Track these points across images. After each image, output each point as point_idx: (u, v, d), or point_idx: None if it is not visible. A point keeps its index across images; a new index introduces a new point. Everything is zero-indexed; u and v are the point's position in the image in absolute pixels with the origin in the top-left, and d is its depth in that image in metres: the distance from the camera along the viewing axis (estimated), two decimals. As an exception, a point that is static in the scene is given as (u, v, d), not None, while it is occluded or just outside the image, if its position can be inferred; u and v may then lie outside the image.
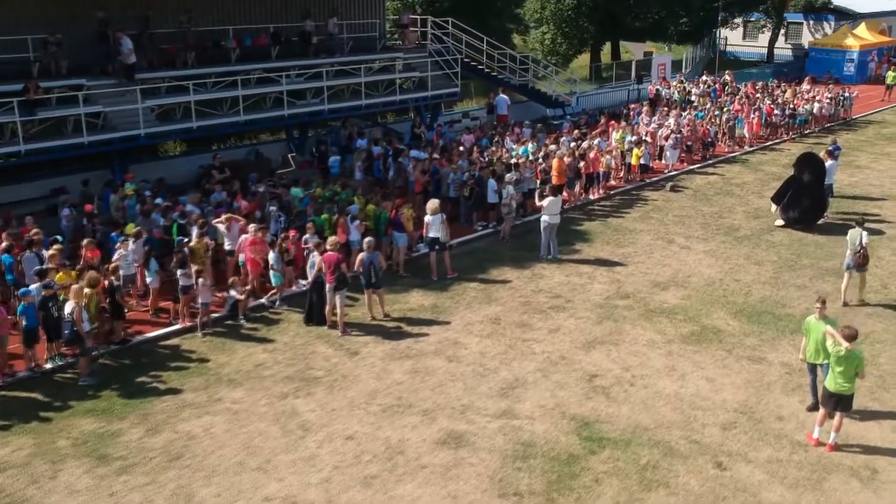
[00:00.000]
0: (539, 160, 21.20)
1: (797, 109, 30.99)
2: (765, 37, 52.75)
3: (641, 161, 23.60)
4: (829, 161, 20.62)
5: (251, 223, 15.32)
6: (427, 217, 16.35)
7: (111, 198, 17.60)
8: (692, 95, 32.55)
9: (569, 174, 20.86)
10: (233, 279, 14.80)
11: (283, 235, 15.53)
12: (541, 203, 17.37)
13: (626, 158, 23.63)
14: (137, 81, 20.22)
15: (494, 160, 20.59)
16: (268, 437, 10.91)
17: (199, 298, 13.80)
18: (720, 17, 44.14)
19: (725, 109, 29.74)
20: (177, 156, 26.10)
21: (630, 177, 23.79)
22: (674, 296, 15.72)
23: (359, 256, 14.46)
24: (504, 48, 30.93)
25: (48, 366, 12.65)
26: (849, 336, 10.30)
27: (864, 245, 15.09)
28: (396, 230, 16.63)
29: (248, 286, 14.94)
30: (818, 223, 19.84)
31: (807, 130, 31.15)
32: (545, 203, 17.23)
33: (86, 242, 14.19)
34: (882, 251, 18.07)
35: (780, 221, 19.96)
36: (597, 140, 23.47)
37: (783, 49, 52.97)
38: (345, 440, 10.83)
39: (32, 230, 14.49)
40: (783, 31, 52.88)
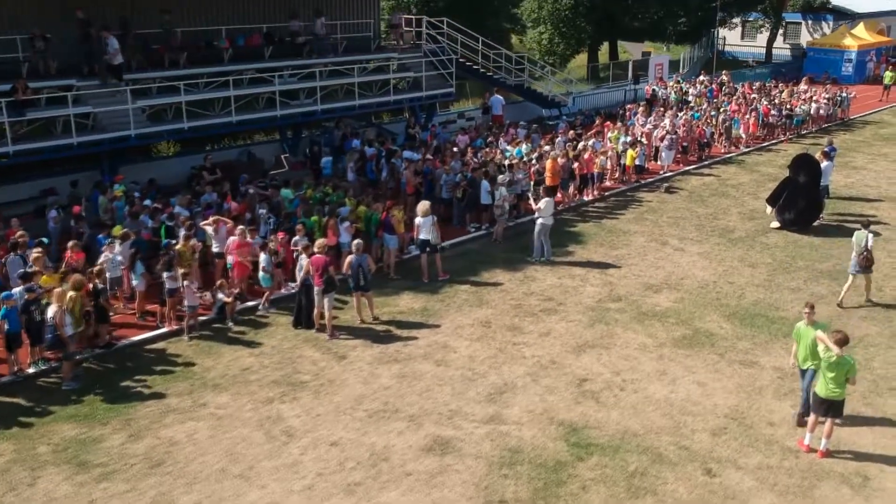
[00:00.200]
0: (533, 161, 21.04)
1: (794, 110, 30.83)
2: (763, 37, 52.59)
3: (636, 162, 23.44)
4: (825, 162, 20.48)
5: (240, 225, 15.15)
6: (418, 219, 16.20)
7: (100, 199, 17.44)
8: (689, 96, 32.39)
9: (563, 175, 20.72)
10: (220, 282, 14.65)
11: (272, 237, 15.38)
12: (538, 206, 17.17)
13: (621, 159, 23.47)
14: (128, 82, 20.07)
15: (488, 161, 20.42)
16: (251, 444, 10.76)
17: (186, 301, 13.65)
18: (718, 17, 43.99)
19: (722, 110, 29.61)
20: (170, 156, 25.95)
21: (625, 178, 23.64)
22: (666, 298, 15.57)
23: (347, 259, 14.31)
24: (499, 48, 30.77)
25: (31, 370, 12.48)
26: (840, 341, 10.15)
27: (870, 247, 15.00)
28: (387, 232, 16.47)
29: (236, 289, 14.79)
30: (813, 225, 19.69)
31: (804, 131, 31.01)
32: (542, 205, 17.06)
33: (70, 245, 14.03)
34: (877, 253, 17.67)
35: (776, 223, 19.80)
36: (591, 141, 23.31)
37: (782, 49, 52.80)
38: (329, 446, 10.68)
39: (17, 232, 14.33)
40: (781, 31, 52.71)
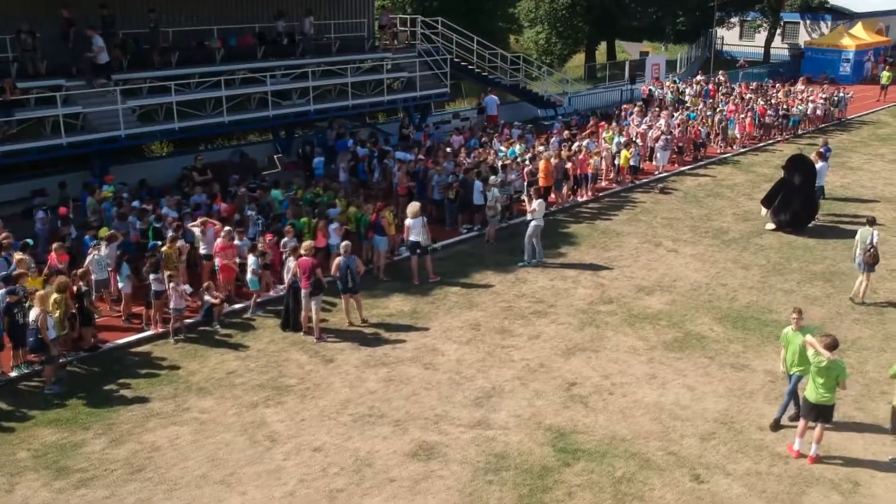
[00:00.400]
0: (526, 162, 20.90)
1: (790, 110, 30.68)
2: (761, 36, 52.43)
3: (631, 162, 23.29)
4: (820, 163, 20.33)
5: (226, 227, 14.99)
6: (408, 220, 16.05)
7: (88, 200, 17.31)
8: (685, 96, 32.25)
9: (556, 175, 20.58)
10: (207, 284, 14.50)
11: (261, 239, 15.24)
12: (531, 207, 17.00)
13: (616, 160, 23.33)
14: (118, 82, 19.94)
15: (480, 162, 20.27)
16: (234, 449, 10.62)
17: (171, 304, 13.51)
18: (717, 17, 43.83)
19: (719, 110, 29.46)
20: (164, 156, 25.82)
21: (619, 178, 23.50)
22: (658, 301, 15.42)
23: (335, 261, 14.17)
24: (495, 48, 30.62)
25: (13, 374, 12.34)
26: (830, 345, 10.00)
27: (876, 244, 14.95)
28: (377, 234, 16.32)
29: (224, 292, 14.65)
30: (808, 226, 19.54)
31: (800, 131, 30.84)
32: (535, 206, 16.90)
33: (55, 247, 13.88)
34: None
35: (771, 225, 19.65)
36: (586, 141, 23.18)
37: (780, 49, 52.64)
38: (312, 452, 10.54)
39: (2, 234, 14.18)
40: (780, 31, 52.53)
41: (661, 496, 9.68)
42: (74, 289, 12.77)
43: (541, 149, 22.15)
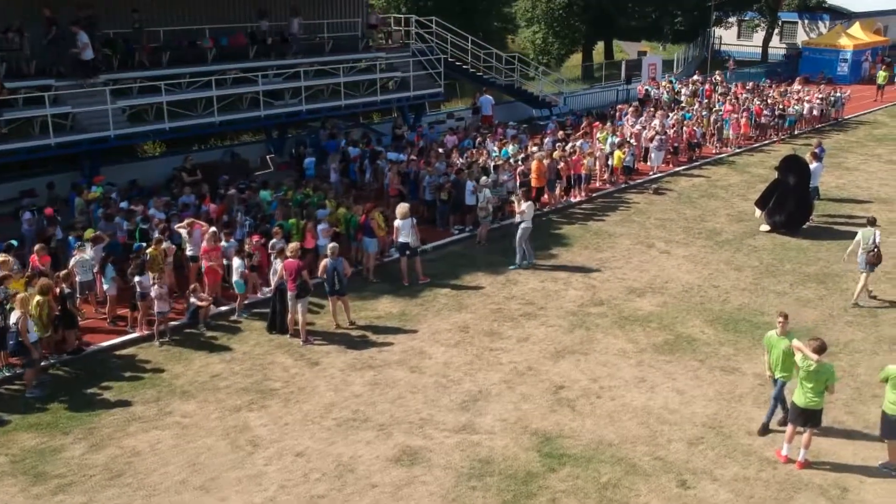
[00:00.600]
0: (518, 162, 20.74)
1: (786, 110, 30.52)
2: (759, 36, 52.27)
3: (625, 163, 23.14)
4: (815, 163, 20.18)
5: (211, 228, 14.84)
6: (397, 221, 15.91)
7: (76, 201, 17.18)
8: (681, 96, 32.09)
9: (549, 176, 20.44)
10: (194, 286, 14.37)
11: (248, 240, 15.10)
12: (521, 209, 16.84)
13: (609, 160, 23.19)
14: (107, 82, 19.79)
15: (472, 162, 20.12)
16: (215, 454, 10.48)
17: (155, 307, 13.36)
18: (714, 17, 43.66)
19: (715, 110, 29.30)
20: (157, 156, 25.66)
21: (613, 179, 23.35)
22: (649, 303, 15.28)
23: (322, 262, 14.03)
24: (489, 48, 30.48)
25: (-5, 377, 12.23)
26: (818, 349, 9.86)
27: (878, 244, 14.90)
28: (366, 235, 16.18)
29: (211, 294, 14.51)
30: (803, 227, 19.39)
31: (797, 131, 30.68)
32: (524, 208, 16.75)
33: (37, 248, 13.72)
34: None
35: (766, 227, 19.49)
36: (579, 142, 23.03)
37: (778, 49, 52.48)
38: (295, 457, 10.40)
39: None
40: (777, 31, 52.37)
41: (647, 502, 9.54)
42: (57, 291, 12.63)
43: (534, 149, 22.01)
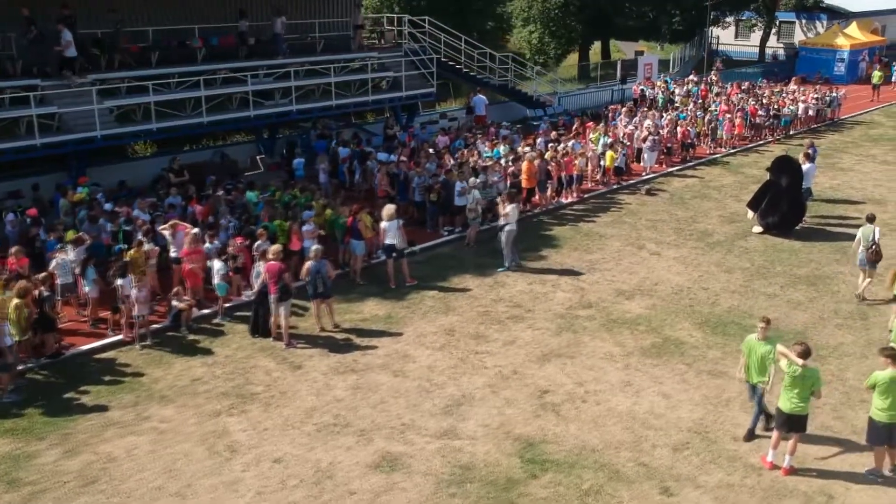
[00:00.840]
0: (508, 163, 20.57)
1: (781, 110, 30.35)
2: (757, 36, 52.10)
3: (617, 163, 22.97)
4: (807, 164, 20.01)
5: (194, 230, 14.67)
6: (383, 223, 15.74)
7: (60, 202, 17.01)
8: (675, 96, 31.93)
9: (539, 176, 20.27)
10: (176, 289, 14.21)
11: (231, 242, 14.94)
12: (505, 211, 16.67)
13: (601, 161, 23.02)
14: (95, 81, 19.63)
15: (462, 163, 19.94)
16: (192, 460, 10.31)
17: (135, 309, 13.18)
18: (711, 16, 43.47)
19: (710, 110, 29.13)
20: (148, 156, 25.50)
21: (605, 180, 23.18)
22: (638, 305, 15.11)
23: (305, 265, 13.86)
24: (483, 47, 30.31)
25: (-29, 381, 12.05)
26: (803, 353, 9.70)
27: (878, 241, 14.89)
28: (354, 237, 16.01)
29: (194, 297, 14.35)
30: (796, 228, 19.22)
31: (792, 132, 30.52)
32: (509, 210, 16.59)
33: (13, 251, 13.54)
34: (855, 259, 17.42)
35: (759, 228, 19.31)
36: (571, 142, 22.87)
37: (776, 48, 52.30)
38: (272, 463, 10.23)
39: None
40: (775, 30, 52.19)
41: (629, 510, 9.39)
42: (35, 293, 12.46)
43: (527, 149, 21.81)
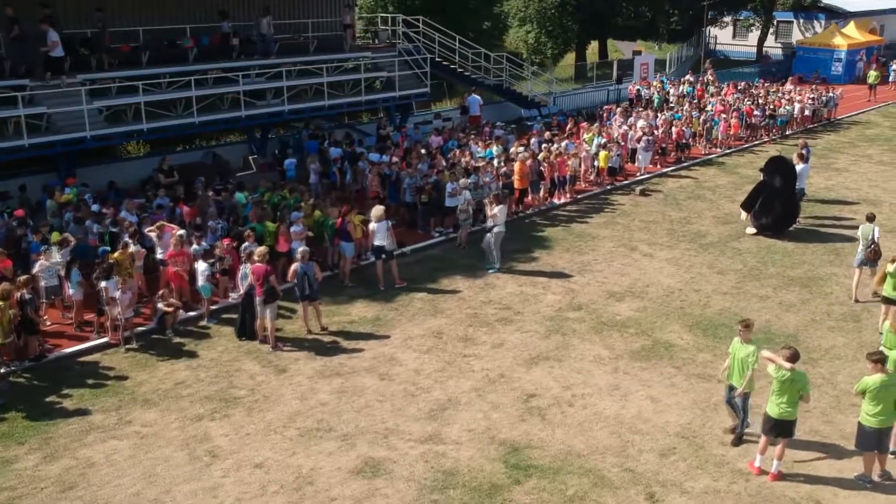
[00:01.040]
0: (501, 163, 20.44)
1: (777, 110, 30.21)
2: (755, 35, 51.93)
3: (610, 164, 22.83)
4: (801, 164, 19.87)
5: (178, 231, 14.54)
6: (372, 224, 15.62)
7: (48, 203, 16.89)
8: (670, 96, 31.79)
9: (532, 177, 20.14)
10: (162, 291, 14.08)
11: (218, 244, 14.81)
12: (493, 212, 16.54)
13: (595, 161, 22.88)
14: (85, 82, 19.49)
15: (454, 164, 19.81)
16: (172, 465, 10.19)
17: (119, 312, 13.05)
18: (709, 16, 43.30)
19: (706, 110, 28.98)
20: (139, 157, 25.36)
21: (599, 180, 23.05)
22: (628, 307, 14.98)
23: (292, 267, 13.73)
24: (478, 47, 30.17)
25: (-47, 385, 11.94)
26: (790, 357, 9.57)
27: (877, 240, 14.84)
28: (343, 239, 15.88)
29: (180, 298, 14.22)
30: (790, 229, 19.09)
31: (788, 132, 30.38)
32: (496, 211, 16.46)
33: (-4, 252, 13.46)
34: (853, 258, 17.28)
35: (752, 230, 19.17)
36: (564, 143, 22.73)
37: (773, 48, 52.14)
38: (253, 468, 10.11)
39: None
40: (773, 30, 52.03)
41: (613, 516, 9.26)
42: (17, 296, 12.33)
43: (520, 149, 21.65)
